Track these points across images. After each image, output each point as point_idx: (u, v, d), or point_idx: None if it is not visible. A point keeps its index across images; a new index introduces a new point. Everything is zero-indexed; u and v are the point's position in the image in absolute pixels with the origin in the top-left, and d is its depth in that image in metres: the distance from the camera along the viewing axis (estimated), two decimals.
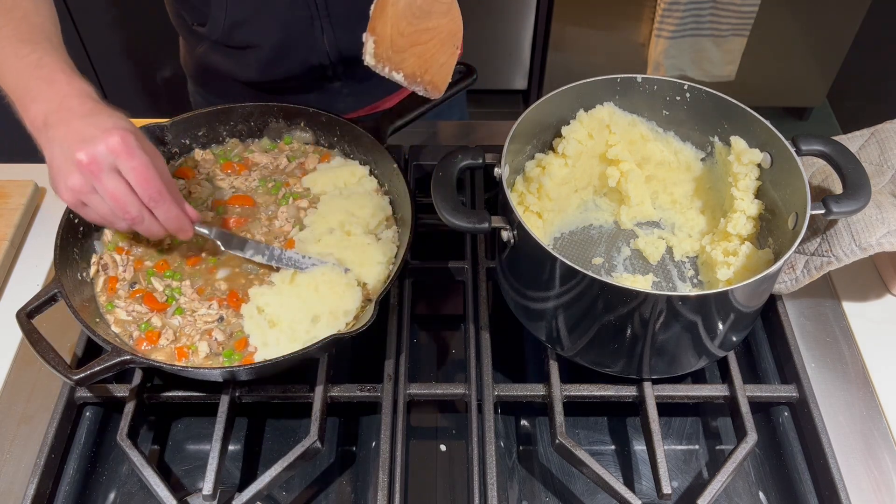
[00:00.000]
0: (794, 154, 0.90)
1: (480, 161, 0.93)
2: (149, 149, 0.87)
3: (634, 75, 1.00)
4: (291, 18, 1.15)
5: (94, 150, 0.81)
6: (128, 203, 0.84)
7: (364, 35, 0.84)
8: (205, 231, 0.97)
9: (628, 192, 1.04)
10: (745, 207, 0.96)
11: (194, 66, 1.34)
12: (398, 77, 0.86)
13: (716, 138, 1.02)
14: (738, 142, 0.97)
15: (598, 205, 1.09)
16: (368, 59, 0.85)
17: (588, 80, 1.00)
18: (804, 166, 0.90)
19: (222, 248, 0.98)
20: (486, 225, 0.87)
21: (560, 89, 0.98)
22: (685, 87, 0.99)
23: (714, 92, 0.98)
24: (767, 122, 0.94)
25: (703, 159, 1.05)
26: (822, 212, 0.89)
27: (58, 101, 0.85)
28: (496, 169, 0.91)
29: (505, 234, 0.88)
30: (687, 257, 1.03)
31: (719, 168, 1.03)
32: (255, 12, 1.14)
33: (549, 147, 1.04)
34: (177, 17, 1.26)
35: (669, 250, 1.04)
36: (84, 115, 0.84)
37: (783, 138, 0.92)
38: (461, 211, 0.87)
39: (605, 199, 1.09)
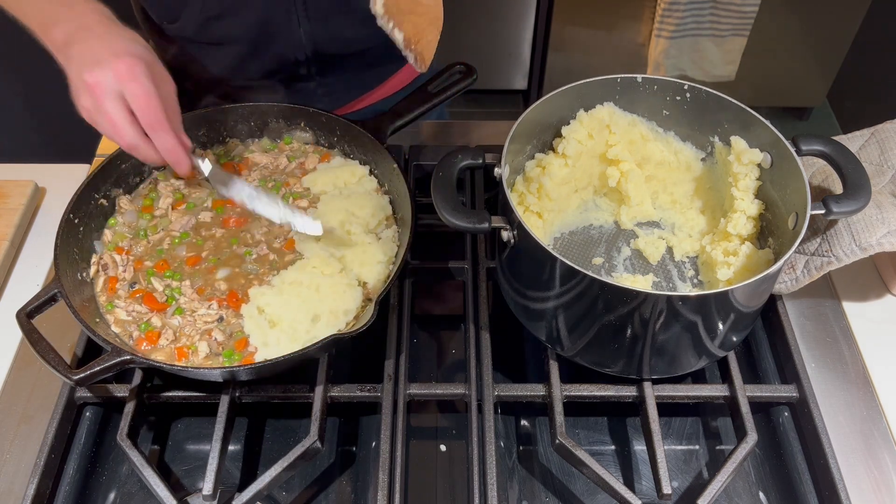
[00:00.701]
0: (794, 154, 0.90)
1: (480, 161, 0.93)
2: (158, 74, 0.91)
3: (634, 75, 1.00)
4: (269, 12, 1.15)
5: (101, 75, 0.86)
6: (124, 129, 0.89)
7: None
8: (199, 161, 0.99)
9: (628, 192, 1.04)
10: (745, 207, 0.96)
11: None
12: (398, 36, 0.92)
13: (716, 138, 1.02)
14: (738, 142, 0.97)
15: (598, 205, 1.09)
16: (378, 8, 0.90)
17: (588, 80, 1.00)
18: (804, 166, 0.90)
19: (209, 180, 1.01)
20: (486, 225, 0.87)
21: (560, 89, 0.98)
22: (685, 87, 0.99)
23: (714, 92, 0.98)
24: (767, 122, 0.94)
25: (703, 159, 1.05)
26: (823, 212, 0.89)
27: (77, 21, 0.91)
28: (496, 169, 0.91)
29: (505, 234, 0.88)
30: (687, 257, 1.03)
31: (719, 168, 1.03)
32: (231, 5, 1.14)
33: (549, 147, 1.04)
34: (143, 17, 1.25)
35: (669, 250, 1.04)
36: (101, 35, 0.89)
37: (783, 138, 0.92)
38: (461, 211, 0.87)
39: (605, 199, 1.09)
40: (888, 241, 0.93)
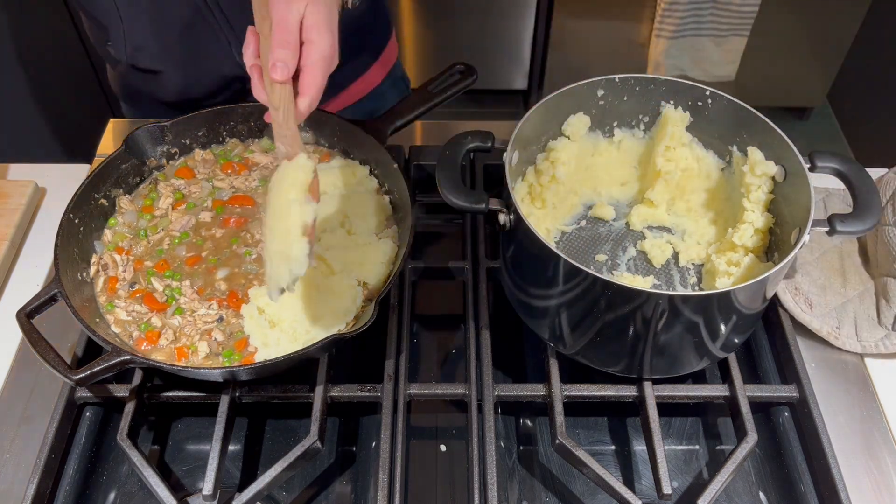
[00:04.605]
0: (806, 169, 0.89)
1: (489, 144, 0.93)
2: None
3: (691, 81, 0.99)
4: (193, 38, 1.10)
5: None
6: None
7: None
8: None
9: (652, 195, 1.04)
10: (754, 219, 0.95)
11: (119, 85, 1.31)
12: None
13: (734, 148, 1.01)
14: (754, 152, 0.95)
15: (612, 200, 1.08)
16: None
17: (640, 75, 1.00)
18: (815, 183, 0.88)
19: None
20: (483, 206, 0.87)
21: (598, 78, 0.98)
22: (707, 92, 0.98)
23: (735, 100, 0.96)
24: (783, 134, 0.92)
25: (722, 169, 1.04)
26: (826, 229, 0.87)
27: None
28: (505, 154, 0.91)
29: (502, 217, 0.88)
30: (692, 264, 1.02)
31: (735, 178, 1.01)
32: (153, 37, 1.10)
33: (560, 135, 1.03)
34: (90, 33, 1.21)
35: (675, 255, 1.03)
36: None
37: (797, 152, 0.90)
38: (461, 190, 0.88)
39: (619, 196, 1.08)
40: None
